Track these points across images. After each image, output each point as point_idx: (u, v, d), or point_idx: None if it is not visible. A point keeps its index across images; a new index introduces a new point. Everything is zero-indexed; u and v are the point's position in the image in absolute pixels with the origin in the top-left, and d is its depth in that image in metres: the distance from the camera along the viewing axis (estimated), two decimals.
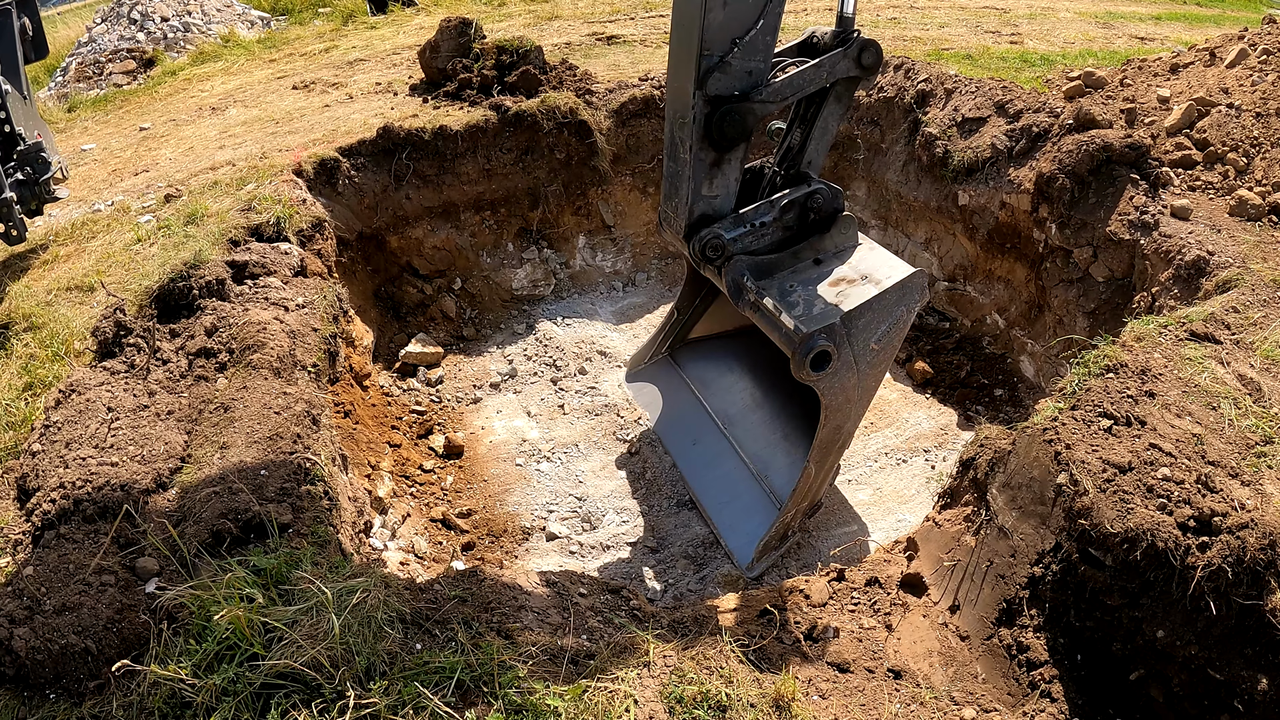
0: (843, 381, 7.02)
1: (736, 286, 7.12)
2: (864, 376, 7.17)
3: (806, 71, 6.91)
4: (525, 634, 4.52)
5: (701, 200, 7.00)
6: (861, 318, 6.87)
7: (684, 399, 9.42)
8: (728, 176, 6.97)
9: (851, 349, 6.89)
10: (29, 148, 8.71)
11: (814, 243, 7.45)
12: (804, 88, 6.96)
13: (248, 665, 4.19)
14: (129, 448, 5.86)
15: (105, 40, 20.94)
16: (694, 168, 6.81)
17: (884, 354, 7.23)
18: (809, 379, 6.77)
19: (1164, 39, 16.91)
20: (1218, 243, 7.94)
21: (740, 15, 6.26)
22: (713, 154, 6.78)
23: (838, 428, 7.32)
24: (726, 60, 6.37)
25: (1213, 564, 4.65)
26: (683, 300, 9.29)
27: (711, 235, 7.04)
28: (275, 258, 8.10)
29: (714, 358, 9.60)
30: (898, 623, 5.61)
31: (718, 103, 6.51)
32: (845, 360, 6.90)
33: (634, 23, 17.88)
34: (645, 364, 9.87)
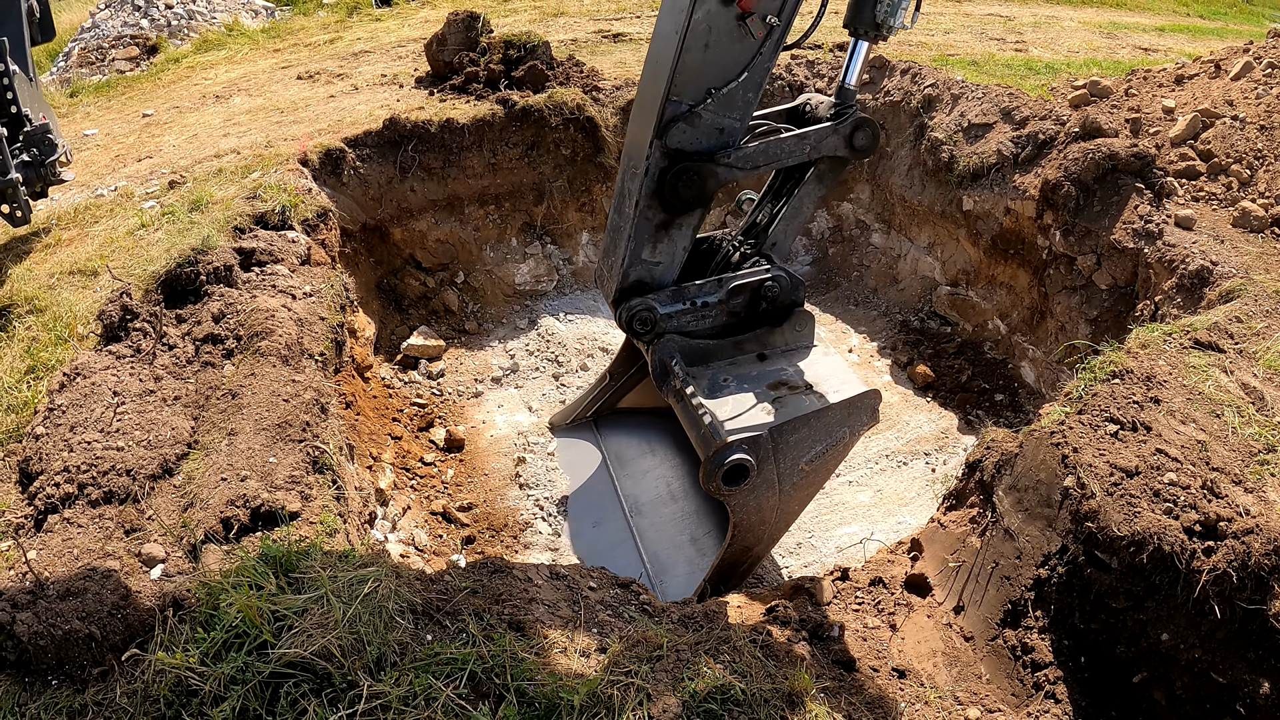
0: (759, 501, 6.25)
1: (662, 368, 6.41)
2: (785, 499, 6.39)
3: (788, 141, 6.27)
4: (537, 627, 4.52)
5: (640, 265, 6.27)
6: (795, 433, 6.15)
7: (598, 472, 8.48)
8: (675, 243, 6.27)
9: (776, 466, 6.15)
10: (35, 129, 8.68)
11: (761, 335, 6.72)
12: (781, 159, 6.30)
13: (256, 654, 4.17)
14: (135, 432, 5.84)
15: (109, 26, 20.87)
16: (638, 226, 6.11)
17: (814, 476, 6.49)
18: (718, 492, 6.03)
19: (1167, 50, 16.94)
20: (1221, 253, 7.97)
21: (722, 62, 5.65)
22: (662, 215, 6.09)
23: (745, 549, 6.57)
24: (697, 111, 5.74)
25: (1218, 568, 4.67)
26: (617, 365, 8.45)
27: (643, 306, 6.31)
28: (283, 245, 8.09)
29: (638, 434, 8.67)
30: (902, 622, 5.62)
31: (677, 157, 5.86)
32: (766, 478, 6.14)
33: (640, 21, 17.85)
34: (569, 423, 9.00)
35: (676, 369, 6.34)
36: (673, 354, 6.41)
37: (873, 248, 12.12)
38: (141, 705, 4.13)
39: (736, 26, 5.52)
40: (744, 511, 6.25)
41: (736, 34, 5.55)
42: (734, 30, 5.53)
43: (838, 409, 6.29)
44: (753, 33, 5.56)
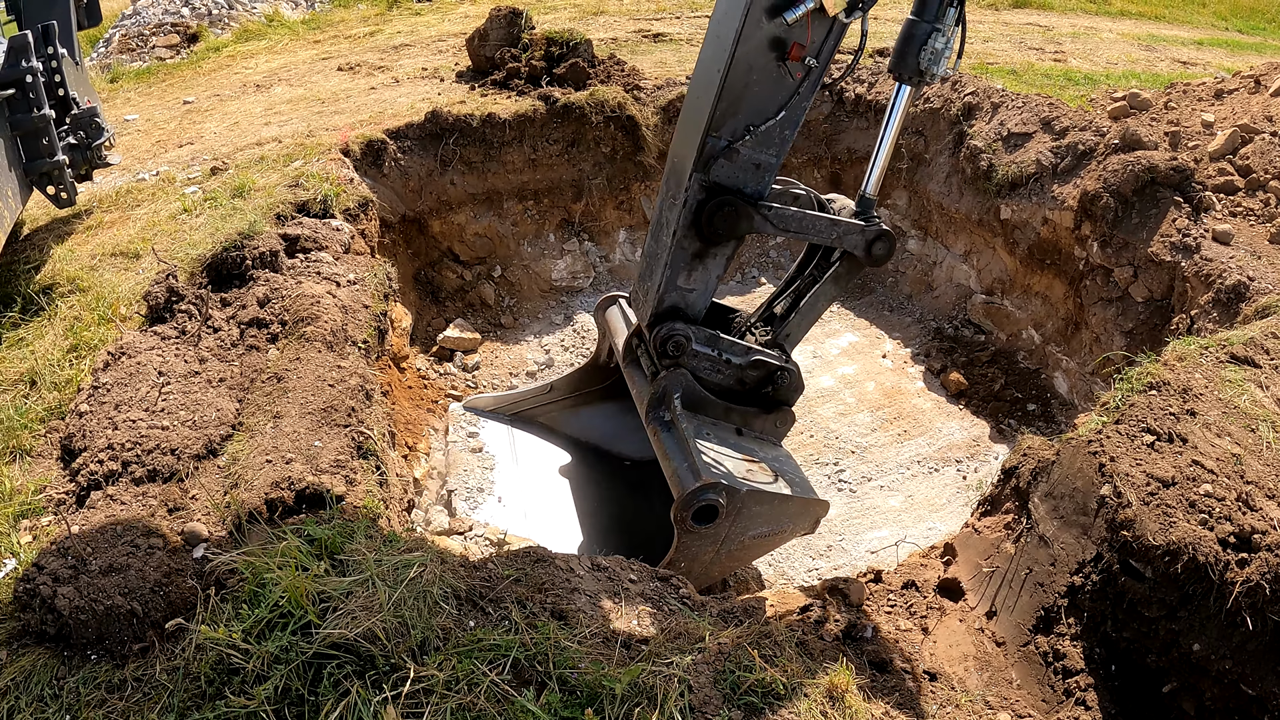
0: (700, 550, 6.51)
1: (663, 396, 6.67)
2: (717, 560, 6.65)
3: (821, 221, 6.49)
4: (579, 616, 4.56)
5: (675, 291, 6.49)
6: (758, 505, 6.40)
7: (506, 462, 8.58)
8: (709, 272, 6.47)
9: (729, 526, 6.39)
10: (83, 112, 8.77)
11: (748, 414, 7.04)
12: (809, 234, 6.52)
13: (300, 634, 4.21)
14: (180, 412, 5.91)
15: (150, 14, 20.99)
16: (674, 254, 6.31)
17: (745, 552, 6.77)
18: (681, 525, 6.25)
19: (1206, 64, 16.87)
20: (1258, 269, 7.96)
21: (761, 101, 5.83)
22: (698, 244, 6.29)
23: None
24: (735, 147, 5.92)
25: (1251, 580, 4.67)
26: (565, 384, 8.68)
27: (681, 333, 6.54)
28: (327, 233, 8.16)
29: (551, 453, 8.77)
30: (934, 626, 5.64)
31: (715, 191, 6.05)
32: (715, 533, 6.41)
33: (680, 21, 17.89)
34: (486, 410, 8.96)
35: (676, 402, 6.64)
36: (678, 388, 6.68)
37: (908, 254, 12.12)
38: (182, 682, 4.16)
39: (777, 68, 5.70)
40: (684, 551, 6.47)
41: (776, 75, 5.73)
42: (774, 71, 5.71)
43: (796, 502, 6.60)
44: (792, 74, 5.74)
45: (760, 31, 5.53)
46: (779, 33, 5.57)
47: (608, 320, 7.97)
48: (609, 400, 8.59)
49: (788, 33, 5.58)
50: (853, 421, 9.60)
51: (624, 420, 8.45)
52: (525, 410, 8.79)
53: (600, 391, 8.61)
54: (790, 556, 7.85)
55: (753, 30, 5.51)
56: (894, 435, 9.38)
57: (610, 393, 8.54)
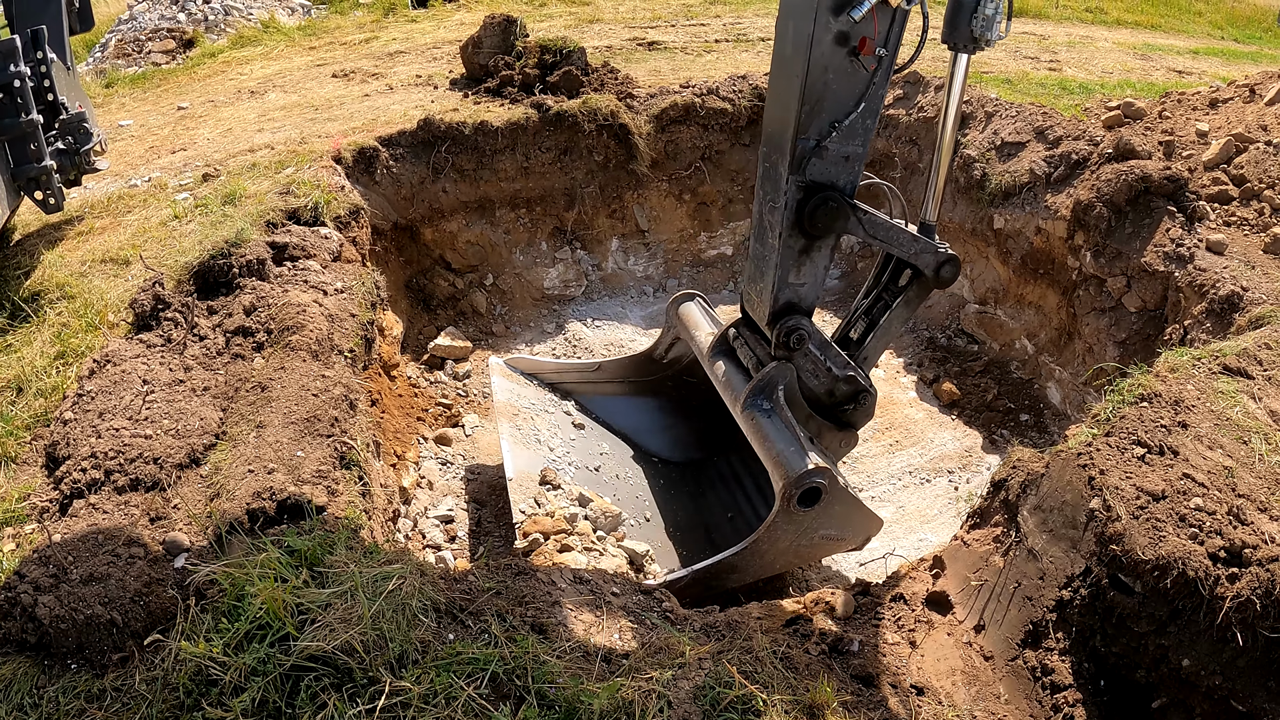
0: (783, 535, 6.74)
1: (768, 386, 6.95)
2: (789, 551, 6.91)
3: (903, 235, 6.79)
4: (559, 630, 4.53)
5: (788, 288, 6.75)
6: (840, 505, 6.74)
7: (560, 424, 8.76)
8: (816, 265, 6.73)
9: (813, 518, 6.71)
10: (71, 117, 8.73)
11: (823, 427, 7.28)
12: (892, 244, 6.81)
13: (279, 646, 4.19)
14: (163, 421, 5.88)
15: (146, 19, 21.02)
16: (782, 254, 6.58)
17: (810, 549, 7.04)
18: (785, 504, 6.52)
19: (1201, 73, 16.87)
20: (1252, 279, 7.93)
21: (840, 97, 6.04)
22: (802, 241, 6.55)
23: (731, 569, 6.91)
24: (824, 145, 6.14)
25: (1242, 595, 4.64)
26: (619, 368, 8.99)
27: (805, 329, 6.85)
28: (315, 241, 8.13)
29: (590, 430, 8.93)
30: (922, 640, 5.60)
31: (812, 189, 6.30)
32: (804, 520, 6.70)
33: (675, 29, 17.90)
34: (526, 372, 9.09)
35: (780, 393, 6.92)
36: (784, 380, 6.96)
37: None
38: (160, 693, 4.16)
39: (850, 63, 5.90)
40: (770, 533, 6.66)
41: (851, 70, 5.93)
42: (849, 67, 5.91)
43: (865, 513, 7.01)
44: (865, 67, 5.95)
45: (830, 33, 5.74)
46: (847, 29, 5.76)
47: (682, 316, 8.25)
48: (649, 395, 8.92)
49: (855, 29, 5.76)
50: None
51: (658, 418, 8.86)
52: (565, 383, 9.03)
53: (646, 384, 8.92)
54: None
55: (823, 34, 5.72)
56: (886, 445, 9.35)
57: (654, 388, 8.87)
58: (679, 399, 8.92)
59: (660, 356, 8.70)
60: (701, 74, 13.70)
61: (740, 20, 19.09)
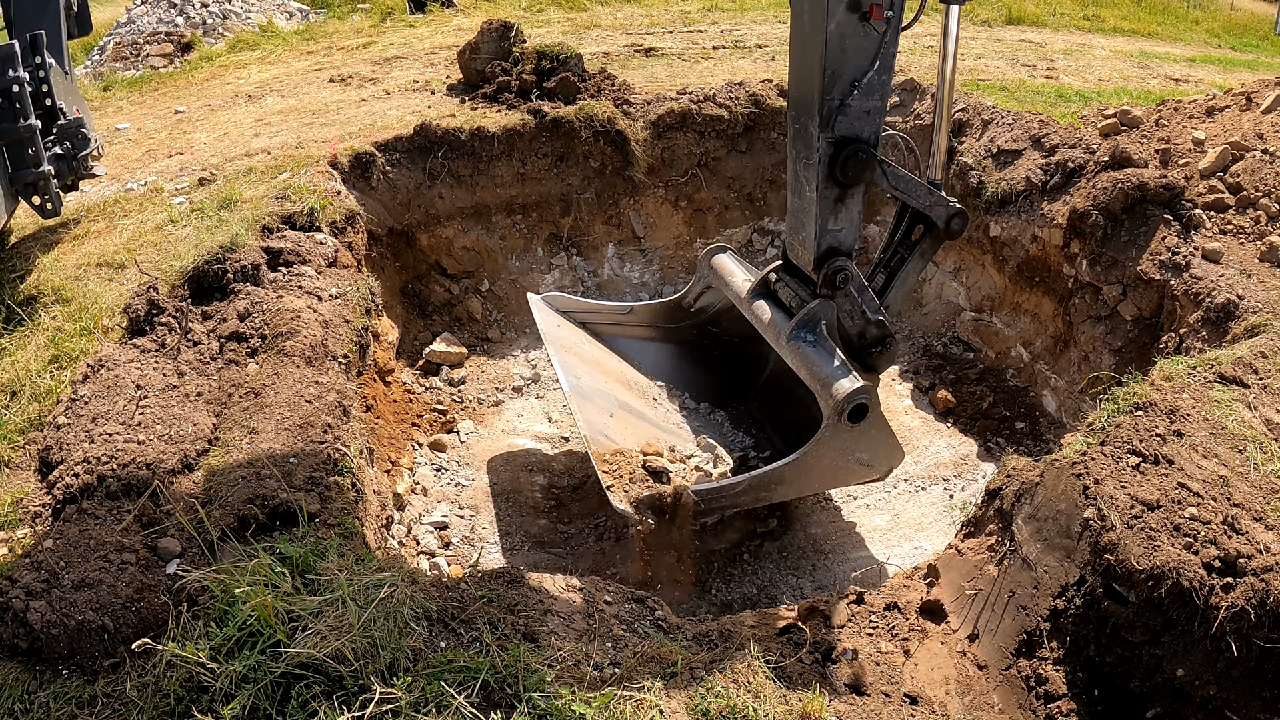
0: (825, 452, 7.28)
1: (813, 320, 7.42)
2: (828, 470, 7.46)
3: (920, 187, 7.35)
4: (551, 638, 4.52)
5: (828, 234, 7.28)
6: (876, 430, 7.32)
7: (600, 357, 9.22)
8: (851, 211, 7.26)
9: (854, 438, 7.26)
10: (69, 122, 8.74)
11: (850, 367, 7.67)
12: (908, 194, 7.36)
13: (269, 653, 4.18)
14: (156, 426, 5.87)
15: (144, 22, 21.02)
16: (820, 205, 7.09)
17: (844, 472, 7.58)
18: (835, 419, 7.05)
19: (1198, 81, 16.86)
20: (1248, 287, 7.93)
21: (857, 59, 6.55)
22: (836, 190, 7.06)
23: (778, 481, 7.40)
24: (847, 103, 6.67)
25: (1236, 605, 4.63)
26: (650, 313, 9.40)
27: (850, 269, 7.35)
28: (310, 247, 8.13)
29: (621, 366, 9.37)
30: (916, 648, 5.59)
31: (842, 144, 6.80)
32: (845, 439, 7.24)
33: (672, 36, 17.90)
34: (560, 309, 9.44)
35: (823, 327, 7.44)
36: (826, 316, 7.47)
37: None
38: (151, 699, 4.15)
39: (862, 27, 6.44)
40: (816, 448, 7.21)
41: (864, 34, 6.48)
42: (861, 31, 6.46)
43: (894, 442, 7.56)
44: (875, 29, 6.48)
45: (842, 4, 6.28)
46: None
47: (715, 267, 8.70)
48: (674, 342, 9.41)
49: None
50: None
51: (682, 364, 9.37)
52: (596, 323, 9.44)
53: (673, 331, 9.39)
54: (774, 575, 7.81)
55: (835, 5, 6.27)
56: None
57: (680, 336, 9.36)
58: (703, 348, 9.42)
59: (689, 305, 9.14)
60: (698, 81, 13.70)
61: (737, 27, 19.09)
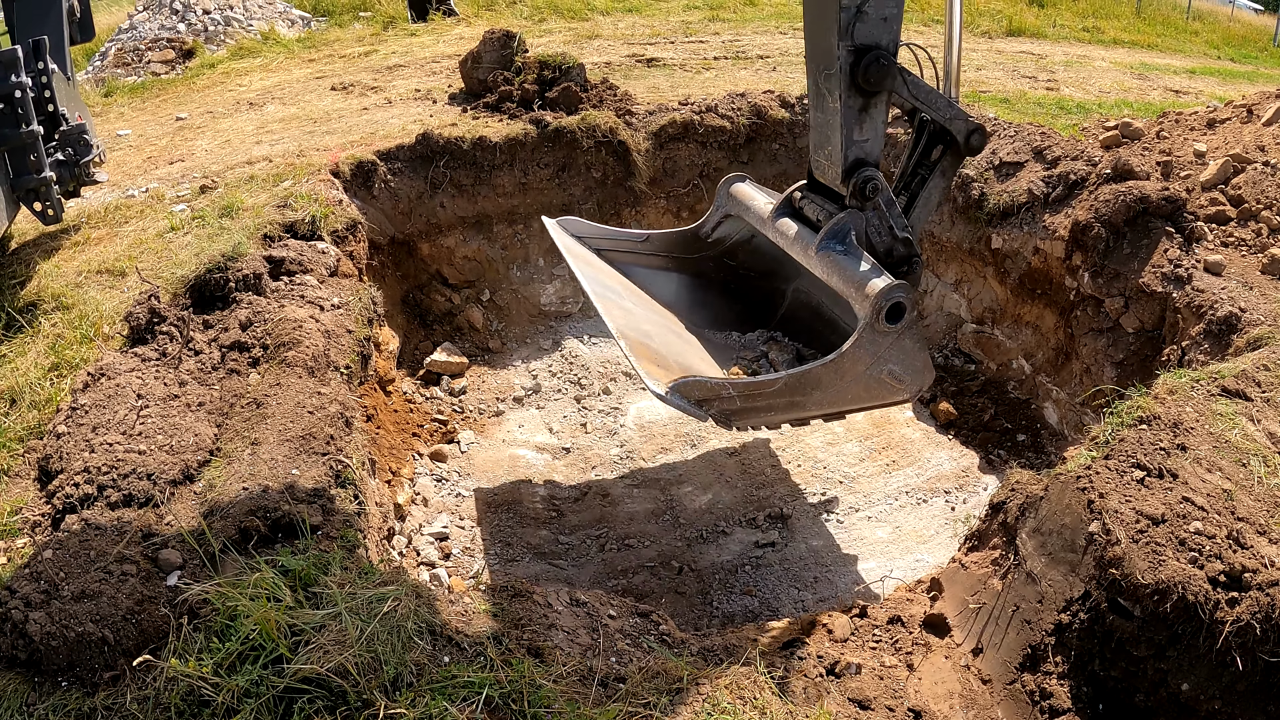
0: (859, 359, 7.05)
1: (843, 231, 7.31)
2: (858, 383, 7.20)
3: (939, 98, 7.32)
4: (555, 653, 4.49)
5: (854, 145, 7.19)
6: (911, 341, 7.07)
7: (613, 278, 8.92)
8: (875, 121, 7.19)
9: (888, 345, 7.03)
10: (71, 129, 8.74)
11: None
12: (928, 105, 7.31)
13: (272, 668, 4.15)
14: (157, 436, 5.85)
15: (146, 28, 21.04)
16: (844, 115, 7.04)
17: (876, 386, 7.29)
18: (873, 318, 6.83)
19: (1198, 93, 16.90)
20: (1250, 300, 7.92)
21: None
22: (860, 100, 7.02)
23: (816, 382, 7.12)
24: (864, 10, 6.66)
25: (1241, 619, 4.63)
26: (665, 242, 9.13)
27: (876, 179, 7.24)
28: (312, 256, 8.12)
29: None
30: (919, 662, 5.58)
31: (861, 51, 6.77)
32: (881, 345, 7.01)
33: (674, 46, 17.93)
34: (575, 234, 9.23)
35: (852, 237, 7.30)
36: (855, 227, 7.33)
37: None
38: (152, 713, 4.13)
39: None
40: (851, 353, 6.95)
41: None
42: None
43: (926, 358, 7.33)
44: None
45: None
46: None
47: (735, 194, 8.54)
48: (689, 273, 9.11)
49: None
50: (841, 451, 9.54)
51: (696, 297, 9.05)
52: (610, 249, 9.14)
53: (688, 261, 9.10)
54: (776, 588, 7.79)
55: None
56: (882, 465, 9.32)
57: (695, 266, 9.09)
58: (719, 281, 9.19)
59: (706, 235, 8.95)
60: (700, 91, 13.71)
61: (739, 38, 19.13)
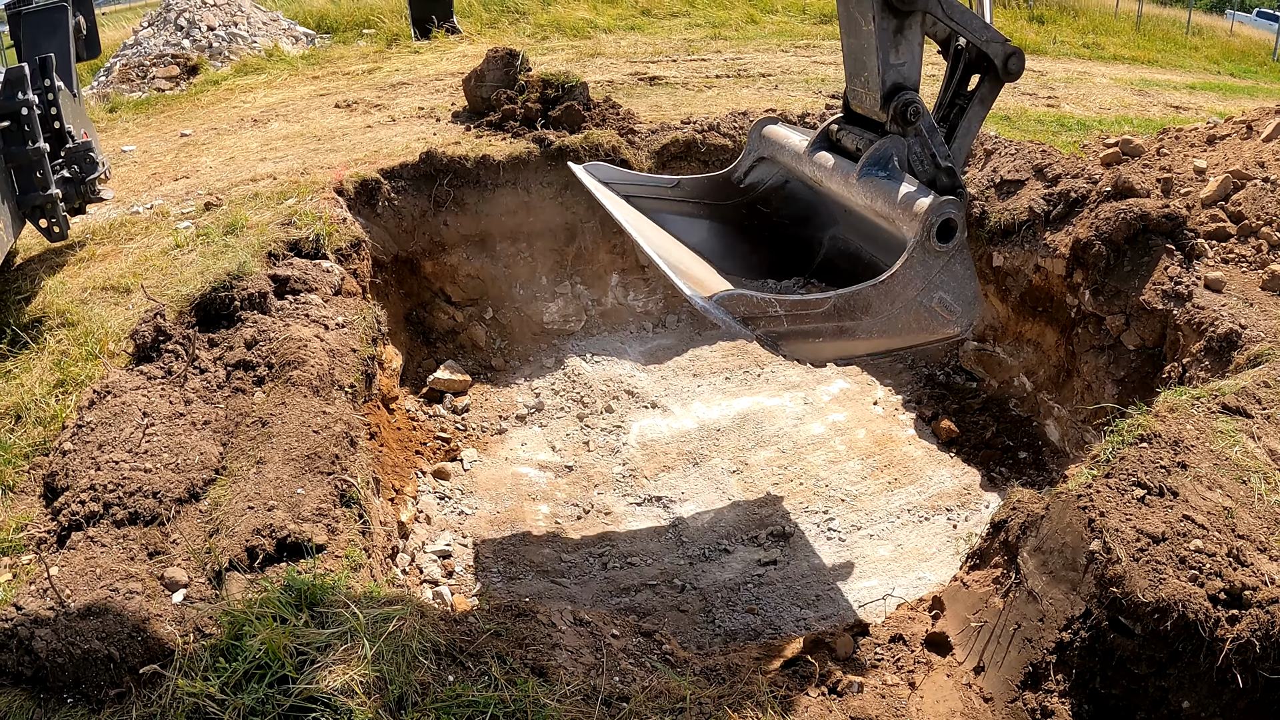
0: (910, 282, 6.65)
1: (886, 158, 7.07)
2: (907, 310, 6.78)
3: (975, 19, 7.09)
4: (559, 672, 4.51)
5: (892, 69, 6.97)
6: (961, 265, 6.73)
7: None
8: (911, 43, 6.98)
9: (939, 269, 6.70)
10: (77, 146, 8.77)
11: None
12: (964, 26, 7.07)
13: (278, 687, 4.17)
14: (163, 455, 5.88)
15: (151, 44, 21.16)
16: (879, 38, 6.84)
17: (926, 316, 6.84)
18: (924, 236, 6.51)
19: (1198, 108, 16.95)
20: (1250, 316, 7.94)
21: None
22: (894, 21, 6.80)
23: (866, 305, 6.66)
24: None
25: (1241, 637, 4.64)
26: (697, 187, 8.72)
27: (917, 102, 7.03)
28: (317, 275, 8.15)
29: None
30: (921, 681, 5.59)
31: None
32: (932, 268, 6.68)
33: (675, 65, 18.00)
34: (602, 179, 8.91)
35: (895, 162, 7.03)
36: (898, 152, 7.05)
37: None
38: None
39: None
40: (900, 274, 6.57)
41: None
42: None
43: (976, 286, 6.94)
44: None
45: None
46: None
47: (767, 135, 8.32)
48: (720, 221, 8.77)
49: None
50: (843, 469, 9.56)
51: (728, 245, 8.71)
52: (640, 195, 8.80)
53: (719, 209, 8.76)
54: (778, 606, 7.80)
55: None
56: (884, 483, 9.33)
57: (727, 214, 8.73)
58: (752, 229, 8.86)
59: (739, 180, 8.66)
60: (702, 110, 13.76)
61: (741, 56, 19.21)
